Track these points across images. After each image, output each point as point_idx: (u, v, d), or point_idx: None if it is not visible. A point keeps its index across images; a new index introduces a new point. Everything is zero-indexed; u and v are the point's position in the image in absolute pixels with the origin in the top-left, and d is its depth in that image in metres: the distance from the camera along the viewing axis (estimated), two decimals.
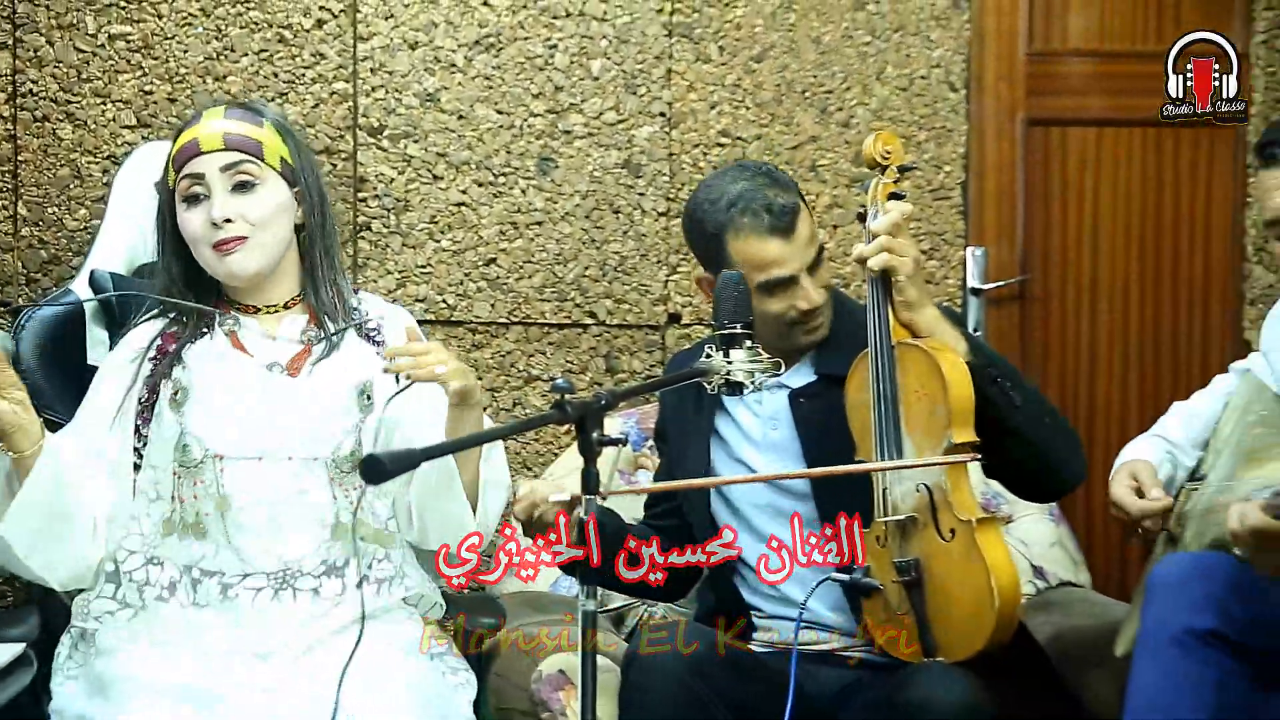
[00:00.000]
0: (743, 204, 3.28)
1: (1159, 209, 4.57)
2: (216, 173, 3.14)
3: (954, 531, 3.10)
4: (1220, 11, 4.53)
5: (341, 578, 3.13)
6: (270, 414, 3.16)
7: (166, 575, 3.11)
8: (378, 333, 3.31)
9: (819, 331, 3.34)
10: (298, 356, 3.23)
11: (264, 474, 3.14)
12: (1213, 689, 2.78)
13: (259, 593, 3.08)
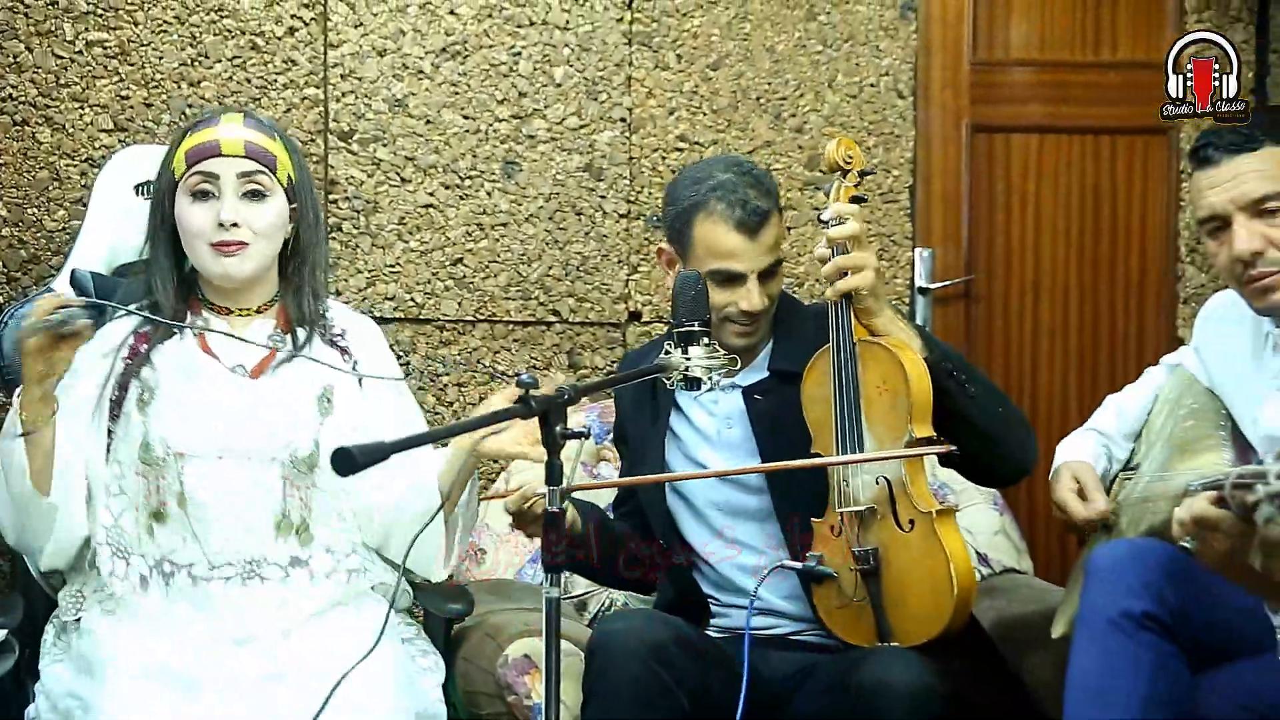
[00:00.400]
0: (722, 192, 3.28)
1: (1098, 212, 4.60)
2: (233, 177, 3.12)
3: (913, 522, 3.12)
4: (1152, 28, 4.57)
5: (308, 568, 3.12)
6: (231, 415, 3.16)
7: (136, 570, 3.10)
8: (342, 338, 3.30)
9: (750, 338, 3.35)
10: (263, 360, 3.21)
11: (224, 472, 3.13)
12: (1148, 670, 2.77)
13: (228, 582, 3.08)
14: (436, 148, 4.17)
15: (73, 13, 3.94)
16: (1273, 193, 2.95)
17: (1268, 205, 2.96)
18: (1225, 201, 2.99)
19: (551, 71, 4.22)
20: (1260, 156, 2.97)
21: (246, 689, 2.95)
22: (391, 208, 4.15)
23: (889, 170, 4.41)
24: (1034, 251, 4.58)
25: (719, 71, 4.30)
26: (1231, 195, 2.98)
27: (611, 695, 3.05)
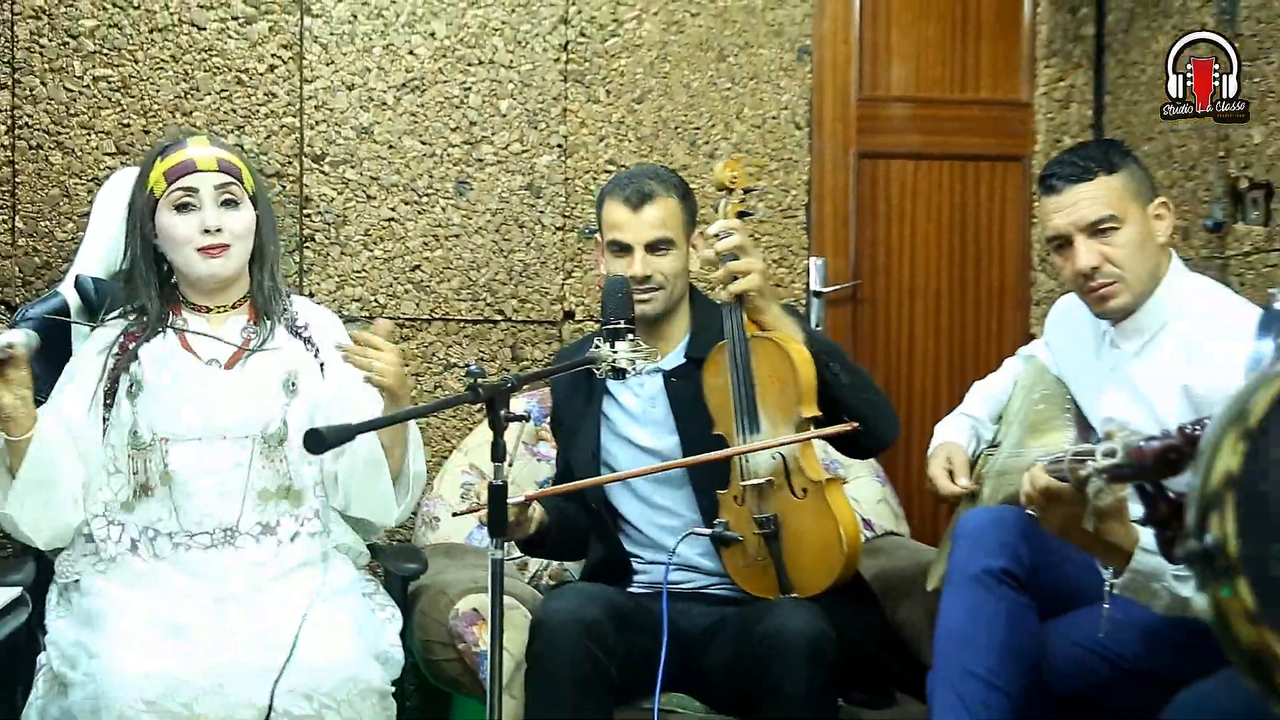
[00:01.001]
0: (620, 179, 3.46)
1: (964, 227, 4.66)
2: (210, 189, 3.19)
3: (806, 491, 3.23)
4: (1009, 71, 4.66)
5: (275, 534, 3.18)
6: (208, 402, 3.21)
7: (127, 536, 3.16)
8: (306, 329, 3.35)
9: (647, 305, 3.39)
10: (236, 353, 3.27)
11: (203, 451, 3.18)
12: (1005, 618, 2.85)
13: (206, 549, 3.13)
14: (398, 169, 4.21)
15: (81, 52, 3.97)
16: (1106, 216, 3.03)
17: (1102, 227, 3.03)
18: (1068, 224, 3.06)
19: (497, 104, 4.26)
20: (1096, 185, 3.04)
21: (228, 637, 2.95)
22: (358, 221, 4.19)
23: (788, 190, 4.46)
24: (910, 260, 4.62)
25: (642, 104, 4.35)
26: (1072, 219, 3.06)
27: (551, 670, 3.11)
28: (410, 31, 4.24)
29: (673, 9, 4.39)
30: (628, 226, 3.41)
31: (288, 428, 3.23)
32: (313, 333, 3.37)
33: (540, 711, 3.17)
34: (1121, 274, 3.07)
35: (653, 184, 3.43)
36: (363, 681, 3.02)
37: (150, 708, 2.84)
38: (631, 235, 3.40)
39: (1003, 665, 2.84)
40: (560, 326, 4.35)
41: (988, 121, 4.68)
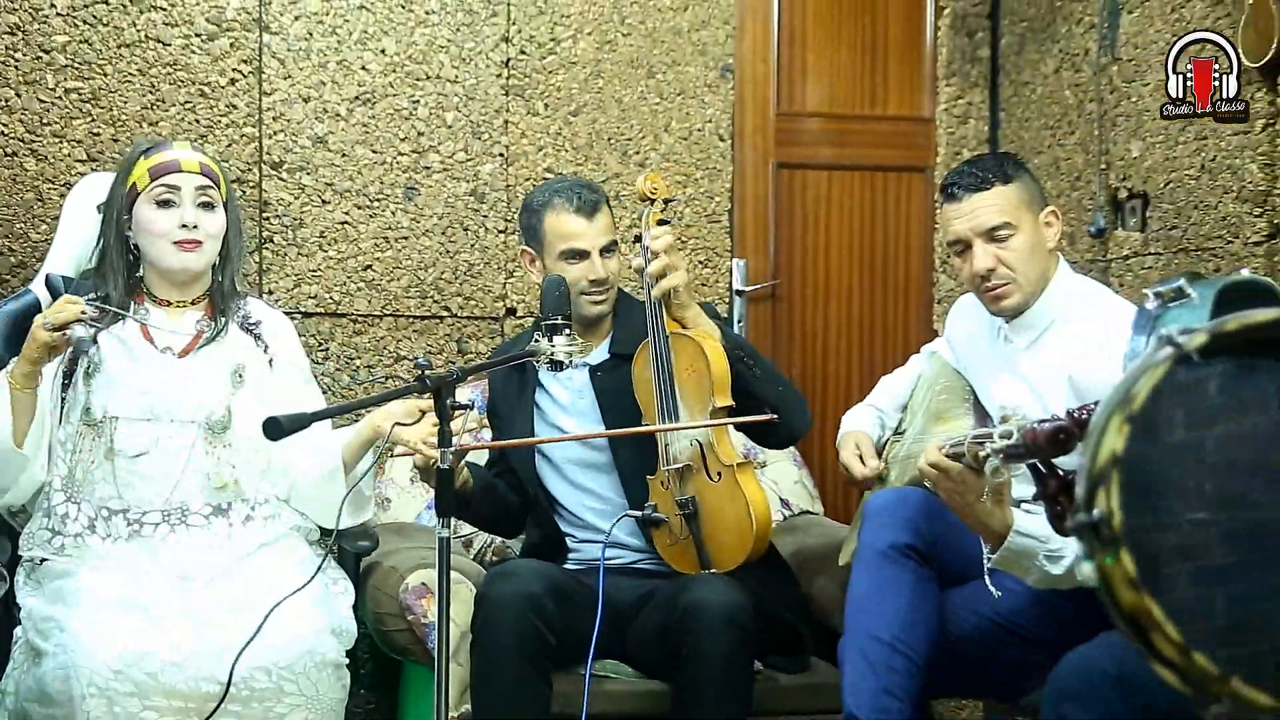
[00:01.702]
0: (563, 190, 3.43)
1: (873, 232, 4.68)
2: (191, 189, 3.20)
3: (720, 474, 3.26)
4: (914, 90, 4.69)
5: (227, 516, 3.19)
6: (160, 386, 3.20)
7: (84, 514, 3.14)
8: (257, 327, 3.35)
9: (603, 305, 3.45)
10: (190, 343, 3.26)
11: (150, 432, 3.18)
12: (908, 589, 2.90)
13: (157, 527, 3.13)
14: (350, 176, 4.19)
15: (54, 65, 3.94)
16: (1002, 223, 3.06)
17: (998, 233, 3.06)
18: (966, 230, 3.10)
19: (444, 116, 4.25)
20: (993, 194, 3.07)
21: (190, 614, 2.94)
22: (314, 224, 4.17)
23: (712, 197, 4.46)
24: (824, 262, 4.63)
25: (578, 117, 4.35)
26: (971, 225, 3.09)
27: (495, 640, 3.13)
28: (362, 48, 4.22)
29: (606, 29, 4.40)
30: (584, 234, 3.41)
31: (231, 416, 3.23)
32: (263, 330, 3.37)
33: (484, 678, 3.18)
34: (1014, 276, 3.10)
35: (593, 195, 3.45)
36: (319, 654, 3.02)
37: (117, 676, 2.84)
38: (588, 242, 3.41)
39: (906, 631, 2.87)
40: (502, 322, 4.33)
41: (894, 135, 4.70)
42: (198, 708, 2.88)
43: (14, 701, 2.95)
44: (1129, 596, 1.58)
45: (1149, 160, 3.92)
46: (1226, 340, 1.65)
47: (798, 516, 4.14)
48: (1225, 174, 3.63)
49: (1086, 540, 1.60)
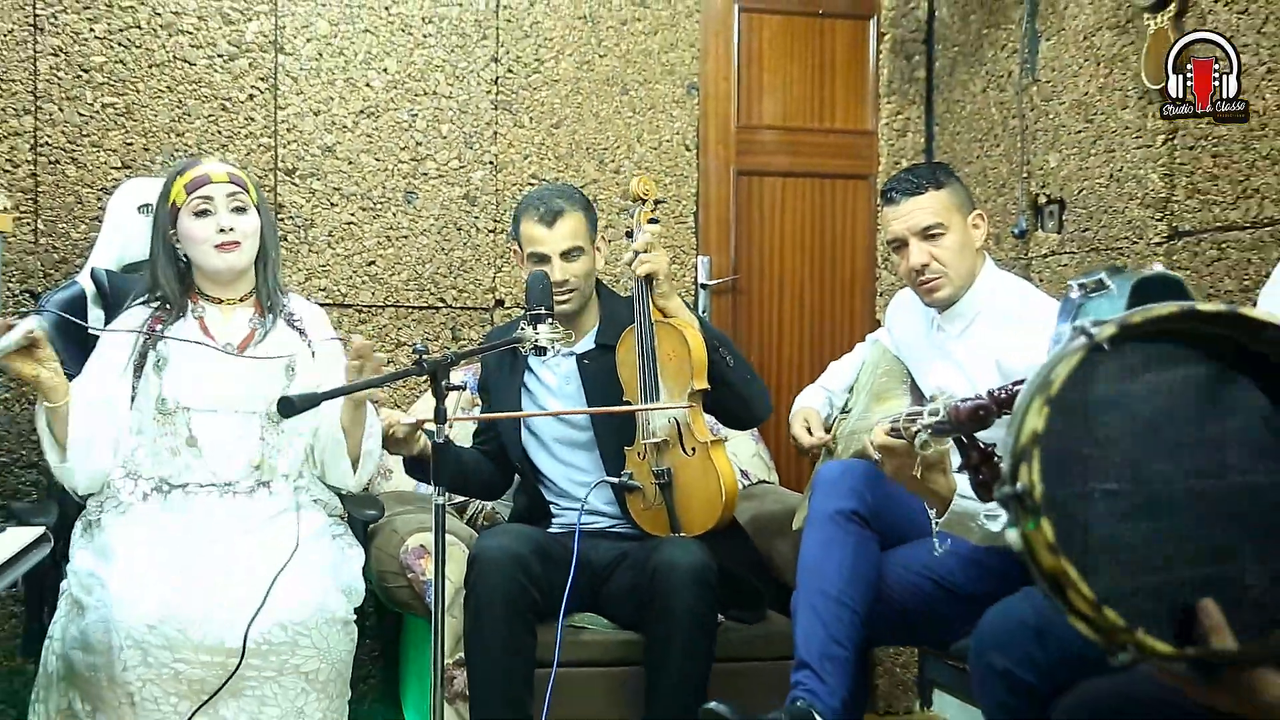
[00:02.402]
0: (534, 201, 3.43)
1: (822, 233, 4.68)
2: (223, 197, 3.20)
3: (694, 450, 3.28)
4: (857, 106, 4.69)
5: (267, 488, 3.20)
6: (223, 380, 3.22)
7: (140, 487, 3.16)
8: (300, 322, 3.35)
9: (566, 304, 3.42)
10: (246, 339, 3.27)
11: (218, 421, 3.21)
12: (852, 550, 2.93)
13: (208, 497, 3.15)
14: (356, 181, 4.18)
15: (92, 83, 3.93)
16: (935, 224, 3.09)
17: (931, 232, 3.10)
18: (903, 229, 3.13)
19: (439, 128, 4.25)
20: (926, 199, 3.11)
21: (218, 575, 2.95)
22: (323, 224, 4.16)
23: (680, 201, 4.47)
24: (779, 259, 4.64)
25: (559, 129, 4.34)
26: (908, 225, 3.12)
27: (486, 595, 3.15)
28: (367, 68, 4.21)
29: (584, 51, 4.39)
30: (544, 241, 3.41)
31: None
32: (305, 325, 3.37)
33: (476, 629, 3.19)
34: (945, 271, 3.13)
35: (561, 202, 3.44)
36: (329, 612, 3.02)
37: (151, 631, 2.86)
38: (548, 248, 3.41)
39: (850, 586, 2.89)
40: (492, 312, 4.32)
41: (840, 147, 4.69)
42: (222, 661, 2.89)
43: (60, 648, 2.95)
44: (1048, 559, 1.58)
45: (1065, 170, 3.95)
46: (1134, 331, 1.66)
47: (755, 486, 4.14)
48: (1131, 182, 3.65)
49: (1011, 509, 1.61)
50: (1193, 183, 3.44)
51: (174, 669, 2.87)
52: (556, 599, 3.20)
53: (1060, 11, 3.98)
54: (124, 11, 3.99)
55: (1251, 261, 3.23)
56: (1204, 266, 3.38)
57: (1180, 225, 3.49)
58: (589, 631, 3.39)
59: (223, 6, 4.09)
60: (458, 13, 4.28)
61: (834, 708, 2.76)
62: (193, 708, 2.89)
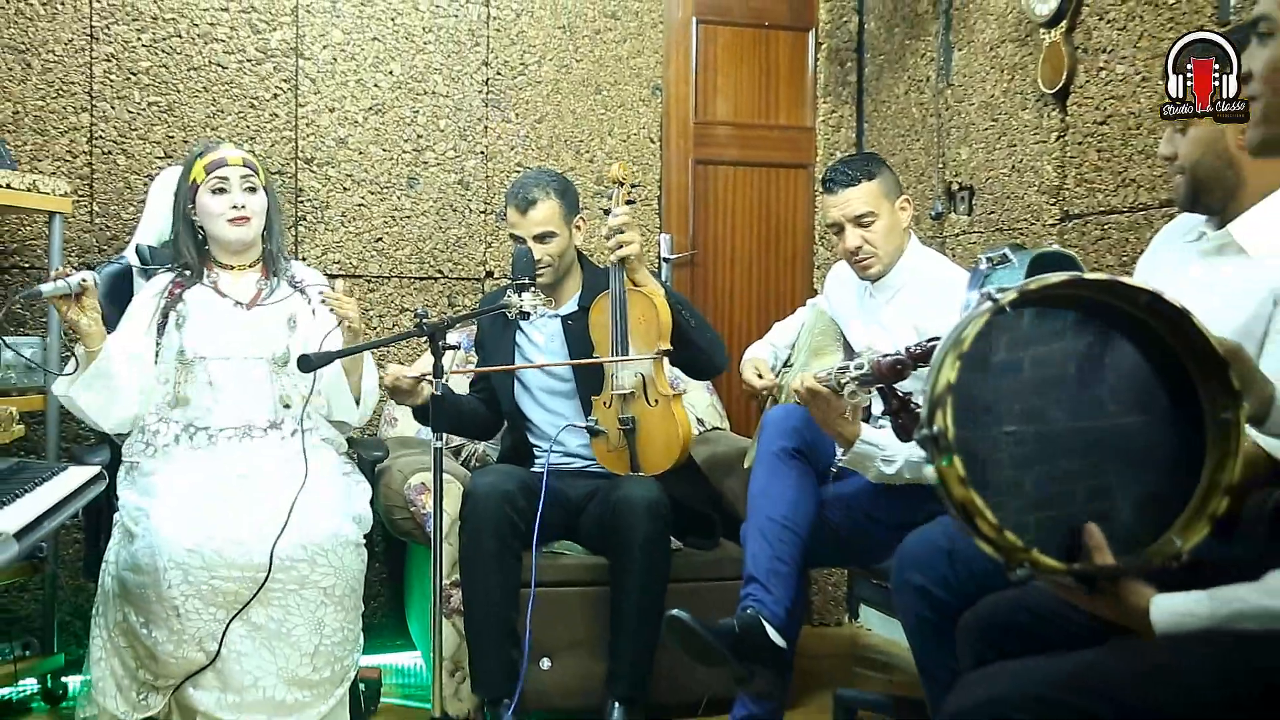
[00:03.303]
0: (515, 189, 3.43)
1: (768, 214, 4.66)
2: (237, 178, 3.23)
3: (657, 401, 3.28)
4: (798, 103, 4.67)
5: (280, 429, 3.22)
6: (235, 332, 3.25)
7: (172, 430, 3.18)
8: (301, 284, 3.37)
9: (543, 278, 3.41)
10: (254, 298, 3.30)
11: (231, 368, 3.23)
12: (793, 481, 2.93)
13: (229, 440, 3.17)
14: (366, 168, 4.16)
15: (139, 85, 3.89)
16: (867, 211, 3.11)
17: (863, 220, 3.11)
18: (840, 216, 3.14)
19: (438, 123, 4.22)
20: (861, 189, 3.12)
21: (245, 505, 3.00)
22: (337, 206, 4.13)
23: (645, 186, 4.46)
24: (731, 237, 4.62)
25: (541, 124, 4.32)
26: (844, 212, 3.13)
27: (478, 525, 3.18)
28: (375, 71, 4.18)
29: (563, 56, 4.36)
30: (520, 225, 3.43)
31: (290, 354, 3.26)
32: (306, 287, 3.37)
33: (469, 554, 3.21)
34: (876, 252, 3.14)
35: (536, 192, 3.42)
36: (343, 536, 3.05)
37: (190, 554, 2.89)
38: (524, 231, 3.42)
39: (793, 512, 2.90)
40: (483, 282, 4.30)
41: (784, 140, 4.68)
42: (252, 575, 2.92)
43: (114, 570, 2.98)
44: (959, 490, 1.60)
45: (974, 161, 3.96)
46: (1031, 297, 1.67)
47: (710, 431, 4.14)
48: (1029, 173, 3.67)
49: (928, 449, 1.62)
50: (1081, 173, 3.46)
51: (211, 585, 2.90)
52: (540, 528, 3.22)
53: (970, 26, 3.99)
54: (166, 23, 3.96)
55: (1129, 240, 3.26)
56: (1090, 244, 3.40)
57: (1070, 209, 3.51)
58: (565, 556, 3.40)
59: (251, 18, 4.05)
60: (453, 23, 4.25)
61: (779, 615, 2.76)
62: (229, 616, 2.92)
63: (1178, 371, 1.69)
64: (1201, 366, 1.69)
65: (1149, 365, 1.70)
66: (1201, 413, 1.69)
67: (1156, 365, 1.70)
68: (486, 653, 3.19)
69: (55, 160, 3.86)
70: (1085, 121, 3.44)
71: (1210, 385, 1.68)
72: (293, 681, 2.97)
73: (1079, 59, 3.46)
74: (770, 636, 2.72)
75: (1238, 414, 1.67)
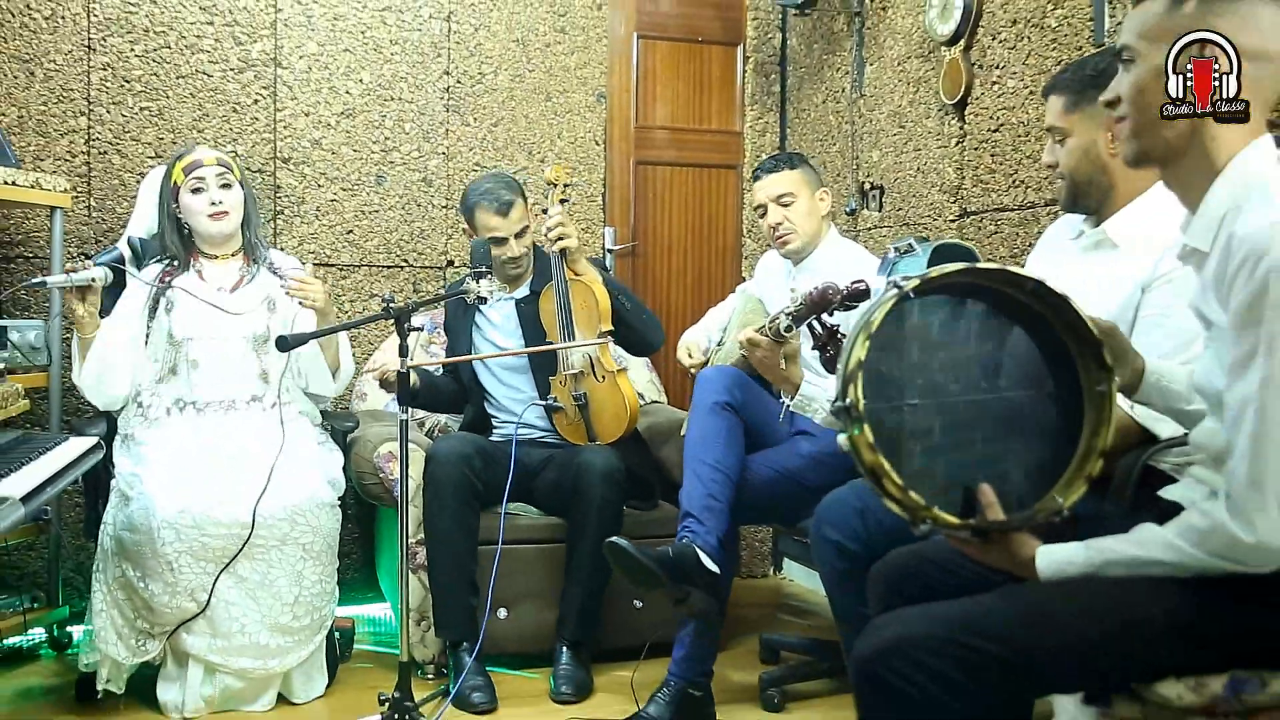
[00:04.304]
0: (486, 194, 3.39)
1: (701, 209, 4.66)
2: (213, 177, 3.21)
3: (605, 377, 3.30)
4: (728, 110, 4.65)
5: (260, 403, 3.21)
6: (218, 315, 3.21)
7: (163, 404, 3.17)
8: (279, 270, 3.34)
9: (518, 269, 3.45)
10: (235, 284, 3.28)
11: (216, 347, 3.21)
12: (724, 430, 2.92)
13: (215, 413, 3.16)
14: (338, 167, 4.12)
15: (132, 91, 3.84)
16: (786, 192, 3.16)
17: (783, 199, 3.16)
18: (764, 197, 3.19)
19: (404, 126, 4.19)
20: (783, 175, 3.18)
21: (228, 466, 3.01)
22: (312, 201, 4.10)
23: (591, 184, 4.43)
24: (668, 230, 4.61)
25: (497, 128, 4.29)
26: (767, 193, 3.18)
27: (439, 488, 3.18)
28: (346, 78, 4.14)
29: (516, 67, 4.34)
30: (501, 227, 3.40)
31: (269, 334, 3.24)
32: (283, 272, 3.34)
33: (432, 515, 3.21)
34: (795, 229, 3.18)
35: (507, 194, 3.41)
36: (319, 498, 3.07)
37: (180, 514, 2.90)
38: (504, 232, 3.40)
39: (724, 456, 2.89)
40: (445, 271, 4.28)
41: (715, 143, 4.68)
42: (238, 533, 2.93)
43: (112, 530, 2.97)
44: (869, 456, 1.63)
45: (884, 164, 4.00)
46: (933, 284, 1.69)
47: (650, 405, 4.11)
48: (932, 174, 3.71)
49: (841, 418, 1.65)
50: (977, 175, 3.50)
51: (201, 541, 2.92)
52: (495, 490, 3.21)
53: (880, 43, 4.02)
54: (157, 35, 3.91)
55: (1019, 234, 3.29)
56: (985, 237, 3.44)
57: (968, 206, 3.55)
58: (523, 518, 3.39)
59: (234, 31, 4.00)
60: (418, 37, 4.21)
61: (711, 544, 2.76)
62: (217, 570, 2.93)
63: (1061, 350, 1.72)
64: (1080, 345, 1.72)
65: (1036, 345, 1.72)
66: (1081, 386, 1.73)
67: (1042, 345, 1.72)
68: (448, 601, 3.18)
69: (56, 160, 3.82)
70: (981, 129, 3.48)
71: (1087, 362, 1.72)
72: (275, 628, 2.99)
73: (975, 74, 3.50)
74: (704, 562, 2.72)
75: (1111, 386, 1.71)
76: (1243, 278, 1.49)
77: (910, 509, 1.65)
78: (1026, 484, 1.71)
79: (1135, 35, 1.68)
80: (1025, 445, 1.71)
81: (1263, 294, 1.46)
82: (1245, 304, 1.49)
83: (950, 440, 1.68)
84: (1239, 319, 1.50)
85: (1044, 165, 2.34)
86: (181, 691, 2.96)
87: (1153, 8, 1.67)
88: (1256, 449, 1.48)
